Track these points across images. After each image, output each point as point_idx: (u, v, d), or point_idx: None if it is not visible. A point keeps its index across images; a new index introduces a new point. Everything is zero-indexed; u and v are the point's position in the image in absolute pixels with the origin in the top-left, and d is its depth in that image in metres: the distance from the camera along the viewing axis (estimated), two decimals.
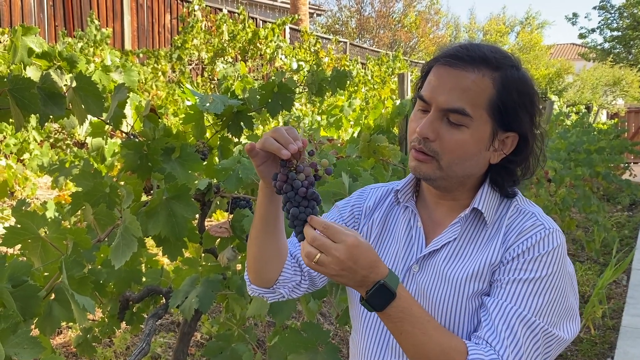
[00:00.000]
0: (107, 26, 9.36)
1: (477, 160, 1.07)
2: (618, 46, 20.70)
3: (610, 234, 5.74)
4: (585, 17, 38.02)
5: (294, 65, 6.64)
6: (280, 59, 8.08)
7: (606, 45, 21.08)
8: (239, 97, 1.91)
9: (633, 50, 20.62)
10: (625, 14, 20.00)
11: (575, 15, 21.70)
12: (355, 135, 3.43)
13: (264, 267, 1.20)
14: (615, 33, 20.56)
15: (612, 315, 4.26)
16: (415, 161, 1.08)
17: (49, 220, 1.38)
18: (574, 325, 1.05)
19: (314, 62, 8.50)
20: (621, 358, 3.45)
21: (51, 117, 1.52)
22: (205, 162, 1.88)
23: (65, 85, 1.56)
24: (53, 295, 1.38)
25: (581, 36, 21.62)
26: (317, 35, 10.24)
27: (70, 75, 1.60)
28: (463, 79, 1.03)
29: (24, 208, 1.57)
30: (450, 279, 1.08)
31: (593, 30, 21.10)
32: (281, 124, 4.62)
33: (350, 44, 15.60)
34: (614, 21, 20.44)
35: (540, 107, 1.11)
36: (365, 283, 0.96)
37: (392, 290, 0.96)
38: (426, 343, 0.98)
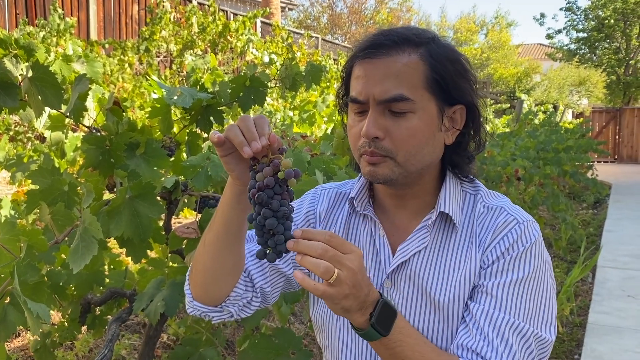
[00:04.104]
0: (71, 15, 9.07)
1: (433, 145, 1.00)
2: (583, 47, 21.17)
3: (577, 232, 5.84)
4: (553, 18, 38.78)
5: (266, 59, 6.54)
6: (252, 52, 7.96)
7: (572, 46, 21.54)
8: (209, 91, 1.82)
9: (597, 52, 21.12)
10: (590, 16, 20.46)
11: (542, 15, 22.14)
12: (329, 131, 3.37)
13: (216, 282, 1.03)
14: (580, 34, 21.02)
15: (579, 313, 4.32)
16: (370, 166, 0.99)
17: (3, 220, 1.28)
18: (554, 324, 1.01)
19: (287, 56, 8.41)
20: (588, 355, 3.49)
21: (5, 108, 1.42)
22: (172, 159, 1.80)
23: (20, 75, 1.46)
24: (8, 299, 1.29)
25: (548, 37, 22.06)
26: (289, 30, 10.14)
27: (27, 64, 1.50)
28: (392, 65, 0.97)
29: None
30: (431, 298, 1.01)
31: (560, 31, 21.54)
32: None
33: (322, 39, 15.54)
34: (580, 23, 20.90)
35: (475, 74, 1.05)
36: (366, 303, 0.86)
37: (393, 307, 0.87)
38: None
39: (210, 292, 1.05)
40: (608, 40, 20.51)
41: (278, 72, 2.11)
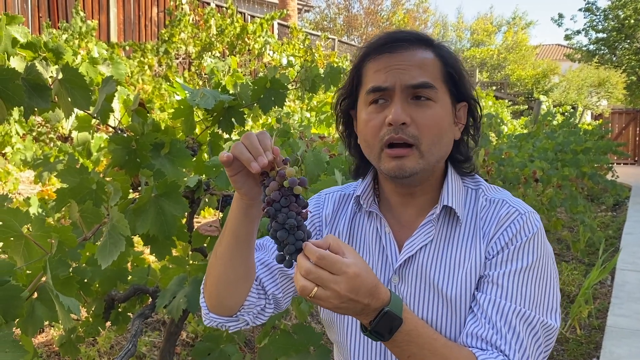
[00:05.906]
0: (92, 18, 9.21)
1: (448, 137, 1.05)
2: (603, 48, 20.89)
3: (596, 235, 5.78)
4: (571, 19, 38.33)
5: (284, 61, 6.59)
6: (269, 54, 8.01)
7: (591, 46, 21.26)
8: (230, 93, 1.86)
9: (617, 52, 20.82)
10: (610, 16, 20.19)
11: (561, 16, 21.86)
12: None
13: (229, 291, 1.07)
14: (600, 35, 20.75)
15: (598, 315, 4.28)
16: (396, 160, 1.01)
17: (33, 217, 1.33)
18: (559, 311, 1.04)
19: (305, 58, 8.45)
20: (607, 358, 3.46)
21: (36, 110, 1.46)
22: (194, 159, 1.83)
23: (50, 77, 1.51)
24: (36, 294, 1.33)
25: (567, 37, 21.79)
26: (305, 32, 10.18)
27: (56, 66, 1.55)
28: (413, 56, 1.01)
29: (6, 204, 1.51)
30: (440, 291, 1.03)
31: (578, 32, 21.27)
32: (269, 120, 4.56)
33: (338, 40, 15.56)
34: (599, 23, 20.62)
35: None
36: (367, 311, 0.88)
37: (399, 316, 0.89)
38: None
39: (224, 302, 1.09)
40: (628, 41, 20.21)
41: (297, 74, 2.14)
